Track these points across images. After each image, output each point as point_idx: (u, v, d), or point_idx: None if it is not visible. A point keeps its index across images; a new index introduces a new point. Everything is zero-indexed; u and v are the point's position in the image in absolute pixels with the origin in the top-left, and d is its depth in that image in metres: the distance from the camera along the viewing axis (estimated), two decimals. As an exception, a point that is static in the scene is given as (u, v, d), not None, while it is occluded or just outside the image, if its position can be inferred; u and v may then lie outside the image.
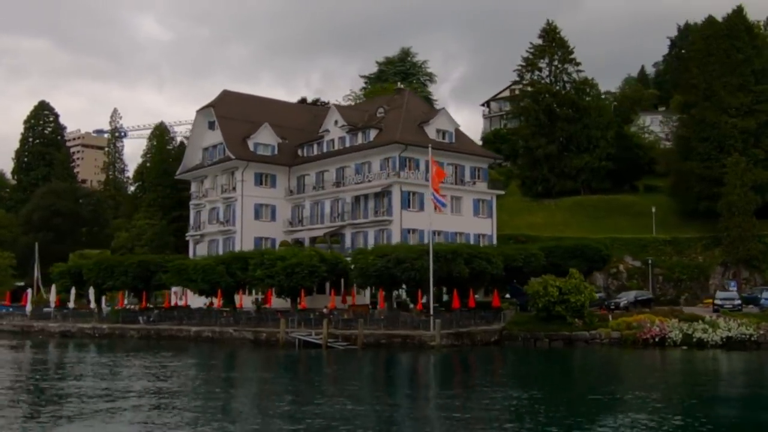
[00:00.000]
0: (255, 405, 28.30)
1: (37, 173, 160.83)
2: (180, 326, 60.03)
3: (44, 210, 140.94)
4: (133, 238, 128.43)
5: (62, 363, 44.82)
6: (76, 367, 41.26)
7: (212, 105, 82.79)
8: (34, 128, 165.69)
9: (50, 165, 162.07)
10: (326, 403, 27.48)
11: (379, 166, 72.38)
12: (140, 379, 35.24)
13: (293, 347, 51.33)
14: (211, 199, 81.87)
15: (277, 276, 56.51)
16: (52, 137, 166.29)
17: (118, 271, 65.51)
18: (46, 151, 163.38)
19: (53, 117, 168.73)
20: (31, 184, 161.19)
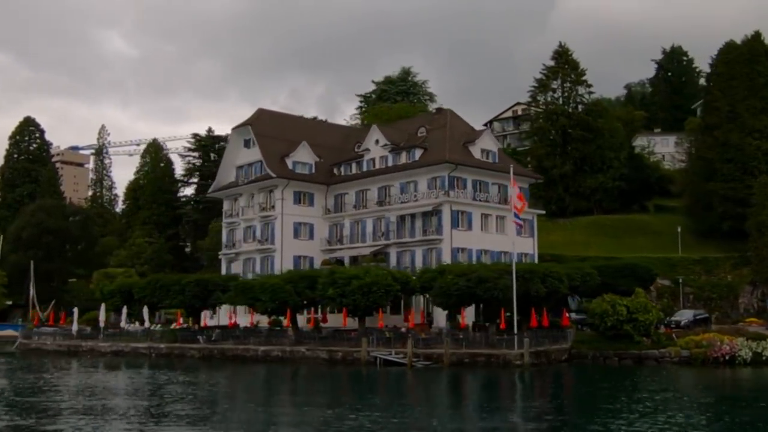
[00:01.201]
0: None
1: (23, 190, 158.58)
2: (246, 345, 59.57)
3: (34, 227, 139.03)
4: (133, 257, 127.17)
5: (173, 385, 44.50)
6: (202, 390, 41.12)
7: (249, 123, 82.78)
8: (19, 144, 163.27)
9: (36, 182, 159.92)
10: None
11: (427, 186, 72.90)
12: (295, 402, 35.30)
13: (374, 366, 51.13)
14: (248, 218, 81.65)
15: (352, 295, 56.51)
16: (38, 154, 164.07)
17: (174, 290, 64.96)
18: (32, 168, 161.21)
19: (39, 133, 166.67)
20: (16, 201, 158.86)
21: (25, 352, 70.74)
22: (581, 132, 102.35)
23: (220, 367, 53.60)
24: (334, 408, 31.60)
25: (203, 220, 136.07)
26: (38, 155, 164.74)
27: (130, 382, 44.75)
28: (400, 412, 30.86)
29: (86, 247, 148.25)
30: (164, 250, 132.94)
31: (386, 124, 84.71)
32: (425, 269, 61.90)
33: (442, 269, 59.30)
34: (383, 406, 32.32)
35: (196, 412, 31.08)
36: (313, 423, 28.06)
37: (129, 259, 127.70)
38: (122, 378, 48.44)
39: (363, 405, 32.50)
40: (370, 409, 30.81)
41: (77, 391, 38.94)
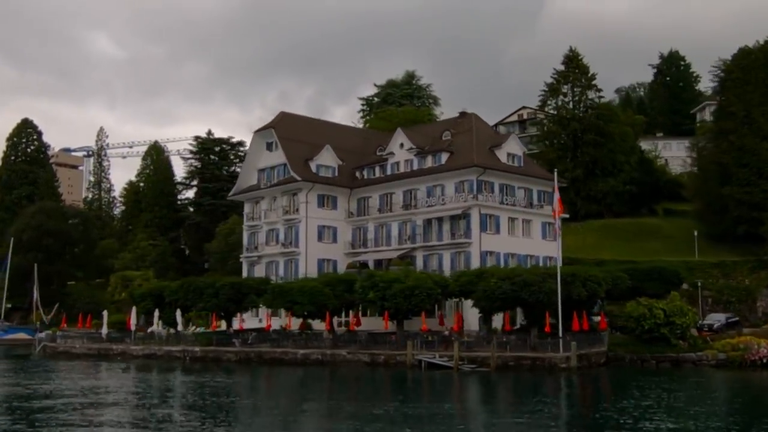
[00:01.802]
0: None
1: (21, 192, 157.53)
2: (284, 349, 59.72)
3: (34, 230, 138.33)
4: (137, 259, 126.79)
5: (234, 387, 44.72)
6: (269, 390, 41.37)
7: (272, 126, 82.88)
8: (16, 146, 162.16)
9: (34, 184, 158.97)
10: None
11: (454, 189, 73.32)
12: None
13: (418, 369, 51.46)
14: (270, 221, 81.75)
15: (394, 298, 56.87)
16: (36, 156, 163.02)
17: (208, 293, 65.01)
18: (30, 170, 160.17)
19: (36, 135, 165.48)
20: (14, 203, 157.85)
21: (53, 356, 70.36)
22: (592, 136, 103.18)
23: (269, 371, 53.81)
24: (412, 411, 31.85)
25: (206, 223, 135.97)
26: (36, 157, 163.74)
27: (197, 385, 44.90)
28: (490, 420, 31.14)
29: (85, 250, 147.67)
30: (168, 252, 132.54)
31: (410, 127, 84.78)
32: (461, 272, 62.31)
33: (479, 272, 59.79)
34: (466, 414, 32.24)
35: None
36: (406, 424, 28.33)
37: (133, 262, 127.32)
38: (189, 380, 48.58)
39: (440, 412, 32.55)
40: (450, 419, 30.65)
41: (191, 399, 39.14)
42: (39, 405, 34.20)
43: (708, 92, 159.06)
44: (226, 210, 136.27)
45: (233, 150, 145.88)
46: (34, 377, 49.67)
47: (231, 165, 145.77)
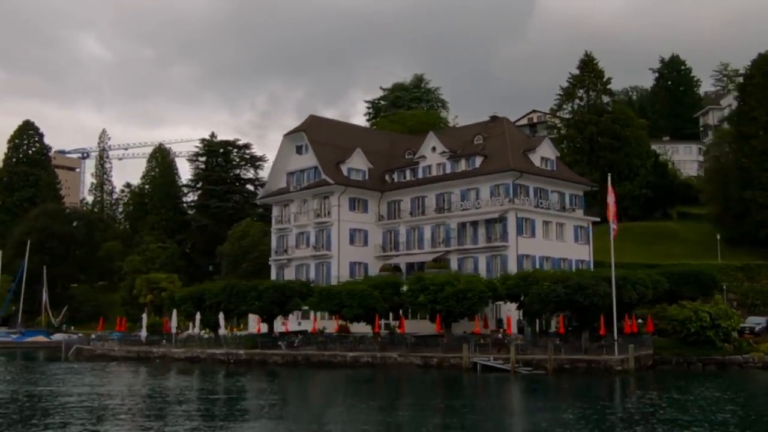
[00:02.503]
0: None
1: (22, 194, 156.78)
2: (333, 351, 59.93)
3: (39, 233, 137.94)
4: (147, 262, 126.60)
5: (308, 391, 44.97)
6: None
7: (302, 129, 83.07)
8: (18, 148, 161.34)
9: (35, 186, 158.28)
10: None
11: (489, 193, 73.82)
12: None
13: (473, 372, 51.81)
14: (301, 224, 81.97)
15: (446, 301, 57.25)
16: (37, 158, 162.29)
17: (251, 296, 65.13)
18: (31, 172, 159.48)
19: (38, 137, 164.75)
20: (15, 206, 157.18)
21: (90, 358, 70.18)
22: (609, 140, 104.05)
23: (327, 374, 53.82)
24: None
25: (212, 226, 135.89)
26: (38, 159, 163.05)
27: (270, 387, 45.16)
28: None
29: (88, 252, 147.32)
30: (176, 255, 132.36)
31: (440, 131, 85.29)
32: (507, 276, 62.68)
33: (524, 276, 60.34)
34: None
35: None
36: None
37: (143, 264, 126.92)
38: (259, 383, 48.74)
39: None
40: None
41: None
42: (141, 405, 34.41)
43: (712, 96, 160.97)
44: (232, 212, 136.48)
45: (239, 152, 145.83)
46: (102, 379, 49.77)
47: (237, 168, 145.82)
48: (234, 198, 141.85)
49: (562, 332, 56.76)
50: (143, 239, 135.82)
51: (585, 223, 78.15)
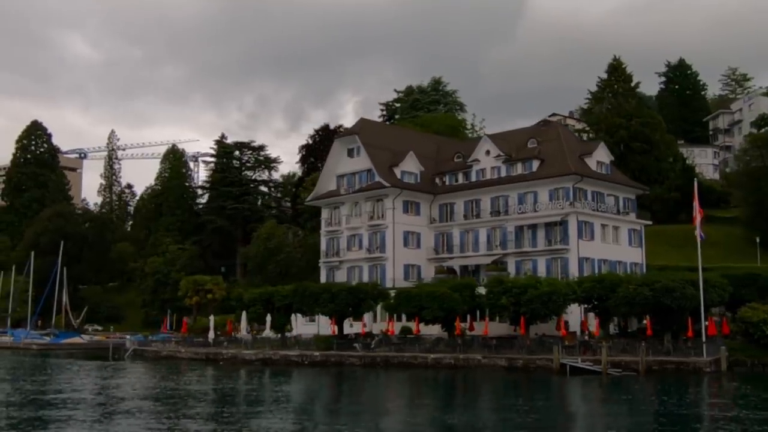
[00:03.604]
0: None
1: (32, 195, 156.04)
2: (414, 353, 60.50)
3: (52, 233, 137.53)
4: (167, 263, 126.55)
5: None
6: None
7: (356, 132, 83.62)
8: (26, 149, 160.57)
9: (44, 187, 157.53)
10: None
11: (548, 196, 74.72)
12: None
13: (561, 374, 52.30)
14: (353, 226, 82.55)
15: (530, 303, 58.01)
16: (46, 158, 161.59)
17: (324, 298, 65.58)
18: (40, 173, 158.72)
19: (46, 137, 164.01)
20: (24, 207, 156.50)
21: (155, 360, 70.24)
22: (639, 144, 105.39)
23: (418, 374, 54.24)
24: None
25: (228, 227, 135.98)
26: (45, 160, 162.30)
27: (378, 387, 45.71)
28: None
29: (100, 253, 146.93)
30: (196, 256, 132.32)
31: (494, 135, 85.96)
32: (582, 279, 63.57)
33: (599, 279, 61.41)
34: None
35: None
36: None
37: (164, 266, 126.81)
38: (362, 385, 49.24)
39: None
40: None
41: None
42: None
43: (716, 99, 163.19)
44: (249, 214, 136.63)
45: (254, 154, 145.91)
46: (200, 382, 50.13)
47: (251, 169, 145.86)
48: (249, 200, 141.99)
49: (649, 334, 57.51)
50: (162, 241, 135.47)
51: (638, 226, 79.26)
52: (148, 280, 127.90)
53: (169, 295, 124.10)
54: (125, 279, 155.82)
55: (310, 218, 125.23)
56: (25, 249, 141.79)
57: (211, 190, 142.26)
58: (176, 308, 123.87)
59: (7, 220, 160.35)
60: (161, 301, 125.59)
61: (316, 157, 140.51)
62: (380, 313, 71.47)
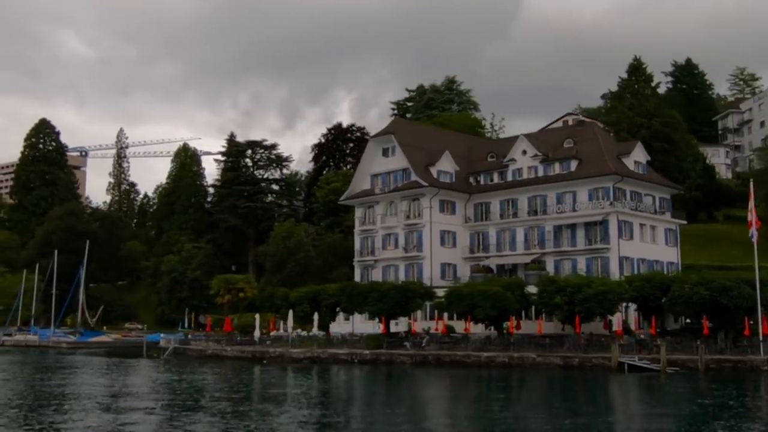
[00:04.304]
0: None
1: (40, 193, 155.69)
2: (467, 351, 60.86)
3: (64, 231, 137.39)
4: (183, 262, 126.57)
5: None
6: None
7: (391, 132, 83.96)
8: (34, 147, 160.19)
9: (53, 185, 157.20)
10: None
11: (588, 196, 75.31)
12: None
13: (618, 372, 52.53)
14: (388, 225, 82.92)
15: (585, 302, 58.54)
16: (54, 156, 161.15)
17: (373, 297, 65.93)
18: (49, 171, 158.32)
19: (54, 135, 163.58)
20: (33, 205, 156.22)
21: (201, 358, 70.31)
22: (661, 144, 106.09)
23: (477, 373, 54.62)
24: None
25: (241, 226, 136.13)
26: (54, 158, 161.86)
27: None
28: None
29: (110, 252, 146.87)
30: (211, 255, 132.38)
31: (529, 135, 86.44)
32: (631, 278, 64.18)
33: (647, 278, 62.13)
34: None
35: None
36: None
37: (180, 264, 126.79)
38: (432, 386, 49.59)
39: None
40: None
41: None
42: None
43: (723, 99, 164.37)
44: (262, 213, 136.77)
45: (265, 152, 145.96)
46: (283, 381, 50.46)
47: (263, 168, 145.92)
48: (261, 198, 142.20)
49: (706, 333, 58.08)
50: (176, 239, 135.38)
51: (673, 226, 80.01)
52: (164, 278, 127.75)
53: (186, 293, 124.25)
54: (134, 277, 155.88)
55: (324, 216, 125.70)
56: (35, 247, 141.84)
57: (222, 189, 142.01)
58: (193, 307, 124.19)
59: (16, 218, 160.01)
60: (178, 299, 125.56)
61: (328, 156, 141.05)
62: (420, 312, 71.83)
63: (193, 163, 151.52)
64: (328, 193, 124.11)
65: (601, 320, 62.83)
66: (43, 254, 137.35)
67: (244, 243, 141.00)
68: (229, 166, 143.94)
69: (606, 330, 64.23)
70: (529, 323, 66.58)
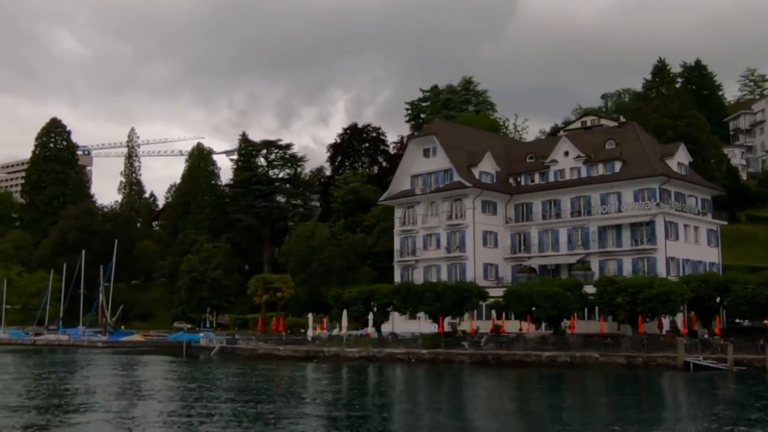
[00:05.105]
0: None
1: (52, 192, 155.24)
2: (527, 351, 61.27)
3: (79, 231, 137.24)
4: (203, 261, 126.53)
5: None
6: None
7: (434, 133, 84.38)
8: (45, 146, 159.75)
9: (65, 184, 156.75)
10: None
11: (633, 197, 75.96)
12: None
13: (682, 371, 52.94)
14: (430, 226, 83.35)
15: (648, 302, 59.15)
16: (65, 156, 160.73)
17: (428, 297, 66.30)
18: (60, 170, 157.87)
19: (65, 135, 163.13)
20: (44, 204, 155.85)
21: (251, 358, 70.36)
22: (687, 145, 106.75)
23: (541, 373, 54.97)
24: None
25: (258, 226, 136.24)
26: (66, 157, 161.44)
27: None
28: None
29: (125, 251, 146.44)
30: (230, 254, 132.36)
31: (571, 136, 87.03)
32: (687, 278, 64.84)
33: (704, 278, 62.92)
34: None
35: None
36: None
37: (201, 264, 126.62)
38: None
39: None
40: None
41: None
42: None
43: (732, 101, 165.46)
44: (278, 213, 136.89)
45: (280, 152, 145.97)
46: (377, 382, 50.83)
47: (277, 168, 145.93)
48: (278, 198, 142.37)
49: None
50: (194, 238, 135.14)
51: (714, 227, 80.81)
52: (184, 278, 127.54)
53: (206, 293, 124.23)
54: (146, 276, 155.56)
55: (343, 216, 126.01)
56: (50, 246, 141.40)
57: (238, 188, 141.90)
58: (214, 306, 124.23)
59: (27, 218, 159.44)
60: (198, 299, 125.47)
61: (344, 156, 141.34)
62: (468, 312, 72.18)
63: (208, 162, 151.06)
64: (347, 193, 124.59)
65: (655, 320, 63.33)
66: (57, 253, 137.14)
67: (259, 243, 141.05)
68: (241, 165, 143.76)
69: (659, 330, 64.92)
70: (581, 323, 67.03)
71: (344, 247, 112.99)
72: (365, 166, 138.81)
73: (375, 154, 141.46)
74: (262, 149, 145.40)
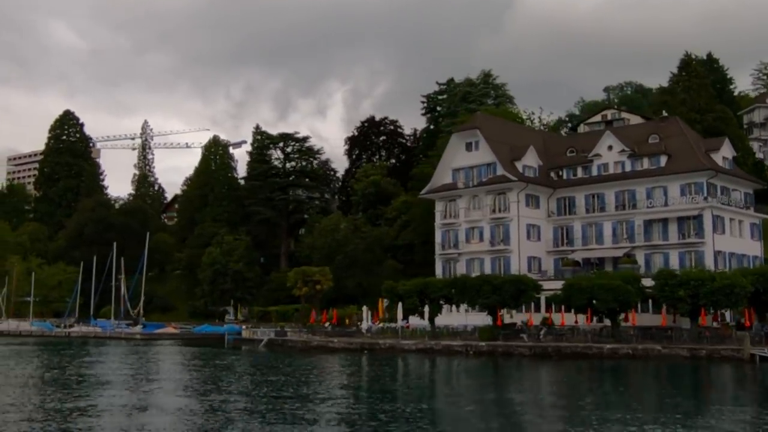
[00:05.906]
0: None
1: (65, 184, 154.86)
2: (588, 343, 61.71)
3: (96, 223, 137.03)
4: (224, 254, 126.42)
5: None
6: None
7: (477, 127, 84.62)
8: (59, 138, 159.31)
9: (79, 177, 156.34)
10: None
11: (680, 191, 76.49)
12: None
13: (748, 364, 53.32)
14: (473, 219, 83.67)
15: (712, 295, 59.60)
16: (79, 148, 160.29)
17: (486, 289, 66.53)
18: (74, 163, 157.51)
19: (79, 127, 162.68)
20: (58, 196, 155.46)
21: (305, 350, 70.47)
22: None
23: (607, 365, 55.23)
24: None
25: (275, 218, 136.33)
26: (79, 149, 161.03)
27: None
28: None
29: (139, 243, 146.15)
30: (251, 247, 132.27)
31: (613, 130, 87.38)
32: (744, 271, 65.31)
33: (762, 271, 63.43)
34: None
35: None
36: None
37: (222, 257, 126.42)
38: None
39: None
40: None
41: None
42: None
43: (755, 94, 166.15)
44: (295, 206, 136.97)
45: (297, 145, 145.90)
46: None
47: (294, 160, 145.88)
48: (296, 191, 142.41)
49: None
50: (214, 231, 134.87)
51: (757, 220, 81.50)
52: (206, 270, 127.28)
53: (229, 285, 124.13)
54: (161, 269, 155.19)
55: (363, 209, 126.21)
56: (67, 239, 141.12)
57: (255, 181, 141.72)
58: (237, 298, 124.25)
59: (41, 210, 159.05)
60: (220, 291, 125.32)
61: (361, 149, 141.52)
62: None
63: (225, 155, 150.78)
64: (368, 186, 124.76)
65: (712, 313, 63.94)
66: (74, 246, 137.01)
67: (276, 235, 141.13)
68: (255, 157, 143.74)
69: (715, 322, 65.53)
70: (637, 315, 67.44)
71: (369, 240, 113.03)
72: (383, 159, 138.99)
73: (392, 147, 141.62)
74: (279, 141, 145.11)
